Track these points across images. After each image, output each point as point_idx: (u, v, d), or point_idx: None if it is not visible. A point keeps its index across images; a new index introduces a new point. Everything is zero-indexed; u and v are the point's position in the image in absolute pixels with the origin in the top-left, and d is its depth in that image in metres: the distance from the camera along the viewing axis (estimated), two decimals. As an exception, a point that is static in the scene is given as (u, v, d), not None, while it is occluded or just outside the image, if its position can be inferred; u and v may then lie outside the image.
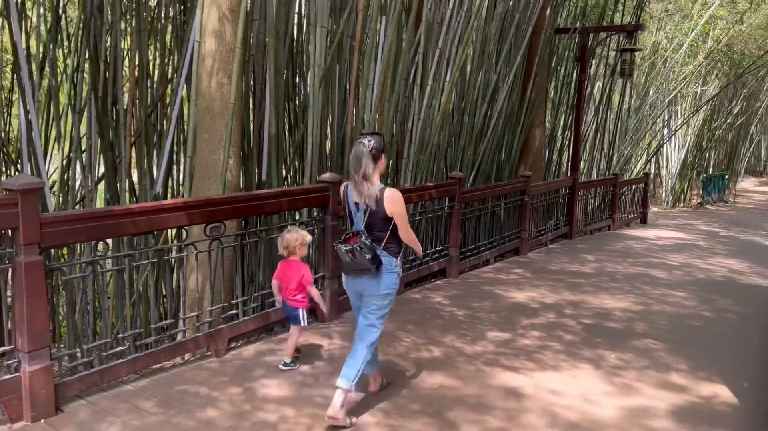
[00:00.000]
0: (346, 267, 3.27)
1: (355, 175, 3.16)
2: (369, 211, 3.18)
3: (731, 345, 4.89)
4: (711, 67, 17.90)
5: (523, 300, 5.98)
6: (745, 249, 10.13)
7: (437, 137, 6.81)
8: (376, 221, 3.20)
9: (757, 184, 25.19)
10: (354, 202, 3.25)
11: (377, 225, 3.21)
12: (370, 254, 3.14)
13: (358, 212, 3.25)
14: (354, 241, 3.17)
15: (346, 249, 3.17)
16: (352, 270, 3.25)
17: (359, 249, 3.13)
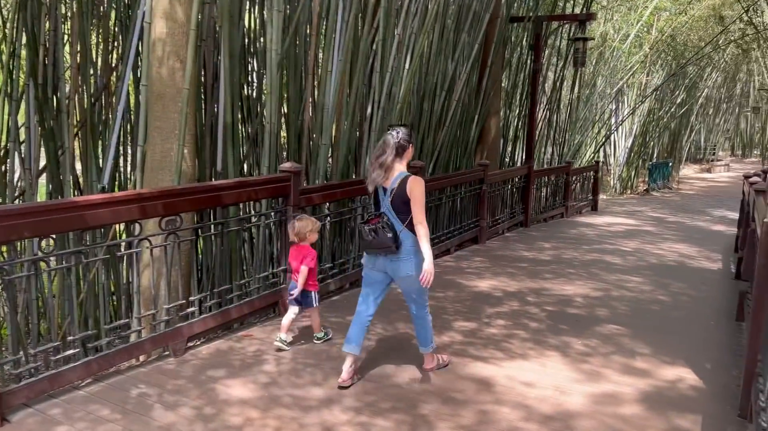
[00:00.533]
0: (368, 245, 3.47)
1: (374, 161, 3.46)
2: (393, 194, 3.42)
3: (690, 329, 4.99)
4: (656, 57, 18.43)
5: (486, 289, 5.97)
6: (692, 234, 10.47)
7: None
8: (399, 203, 3.42)
9: (697, 171, 26.21)
10: (382, 187, 3.48)
11: (399, 207, 3.43)
12: (391, 233, 3.37)
13: (385, 195, 3.49)
14: (376, 221, 3.42)
15: (369, 228, 3.42)
16: (375, 248, 3.44)
17: (382, 228, 3.37)
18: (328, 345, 4.25)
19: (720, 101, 27.48)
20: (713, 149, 29.12)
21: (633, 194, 18.69)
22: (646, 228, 11.00)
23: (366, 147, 6.54)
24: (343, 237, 6.21)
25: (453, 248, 7.66)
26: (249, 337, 4.39)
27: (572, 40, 10.09)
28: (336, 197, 5.45)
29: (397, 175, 3.44)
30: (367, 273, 3.63)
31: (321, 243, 5.87)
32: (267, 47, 5.38)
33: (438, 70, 7.46)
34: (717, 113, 28.11)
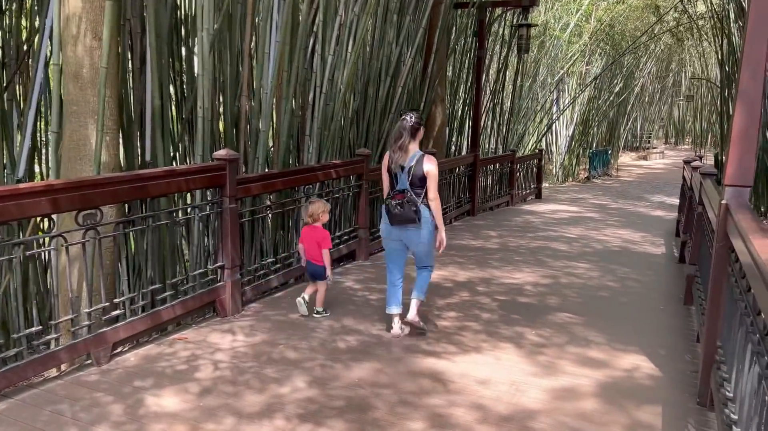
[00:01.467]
0: (395, 219, 3.96)
1: (394, 144, 3.96)
2: (412, 172, 3.91)
3: (641, 314, 4.95)
4: (595, 46, 18.76)
5: (435, 280, 5.77)
6: (634, 220, 10.64)
7: (341, 112, 6.41)
8: (416, 180, 3.94)
9: (634, 159, 27.02)
10: (400, 166, 3.96)
11: (416, 184, 3.95)
12: (414, 206, 3.91)
13: (402, 173, 3.96)
14: (401, 197, 3.92)
15: (396, 203, 3.92)
16: (400, 221, 3.95)
17: (407, 202, 3.90)
18: (269, 347, 3.95)
19: (654, 90, 28.40)
20: (648, 137, 30.11)
21: (575, 182, 19.02)
22: (589, 214, 11.12)
23: (309, 134, 6.21)
24: (286, 230, 5.89)
25: (401, 238, 7.44)
26: (183, 340, 4.03)
27: (516, 26, 10.02)
28: (277, 187, 5.12)
29: (413, 154, 3.96)
30: (387, 244, 4.21)
31: (262, 236, 5.53)
32: (198, 26, 4.98)
33: (382, 55, 7.19)
34: (652, 102, 29.04)
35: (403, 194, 3.93)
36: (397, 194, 3.95)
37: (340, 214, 6.35)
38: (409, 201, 3.89)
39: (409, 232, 4.02)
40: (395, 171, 4.00)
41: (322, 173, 5.63)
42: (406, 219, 3.92)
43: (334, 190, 6.06)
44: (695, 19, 16.05)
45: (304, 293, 4.54)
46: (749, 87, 2.89)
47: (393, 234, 4.09)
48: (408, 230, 4.00)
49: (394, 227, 4.03)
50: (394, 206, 3.93)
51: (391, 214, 3.97)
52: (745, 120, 2.92)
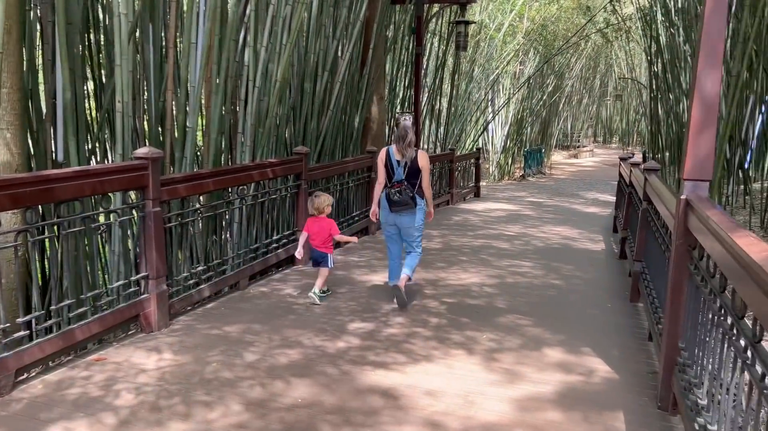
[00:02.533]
0: (394, 204, 4.61)
1: (401, 142, 4.57)
2: (408, 166, 4.57)
3: (589, 312, 4.85)
4: (528, 46, 19.04)
5: (380, 283, 5.52)
6: (570, 217, 10.77)
7: (277, 108, 6.04)
8: (412, 172, 4.60)
9: (566, 157, 27.77)
10: (396, 160, 4.62)
11: (411, 176, 4.60)
12: (411, 194, 4.58)
13: (398, 167, 4.61)
14: (399, 186, 4.57)
15: (396, 190, 4.57)
16: (399, 205, 4.60)
17: (405, 190, 4.55)
18: (200, 365, 3.56)
19: (583, 90, 29.28)
20: (578, 136, 31.03)
21: (511, 180, 19.27)
22: (527, 212, 11.17)
23: (242, 131, 5.81)
24: (219, 235, 5.48)
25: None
26: (101, 362, 3.59)
27: (454, 23, 9.91)
28: (207, 188, 4.71)
29: (412, 151, 4.63)
30: (386, 230, 4.90)
31: (191, 242, 5.10)
32: (114, 12, 4.50)
33: (319, 49, 6.86)
34: (581, 102, 29.94)
35: (401, 184, 4.58)
36: (396, 184, 4.60)
37: (277, 216, 5.99)
38: (406, 189, 4.57)
39: (404, 217, 4.69)
40: (392, 165, 4.63)
41: (257, 173, 5.26)
42: (404, 204, 4.59)
43: (270, 191, 5.69)
44: (623, 20, 16.54)
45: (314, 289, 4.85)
46: (706, 80, 2.77)
47: (389, 219, 4.79)
48: (403, 215, 4.68)
49: (392, 213, 4.69)
50: (394, 193, 4.59)
51: (391, 201, 4.61)
52: (702, 114, 2.80)
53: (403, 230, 4.78)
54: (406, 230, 4.77)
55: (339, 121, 7.55)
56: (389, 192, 4.62)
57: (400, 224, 4.76)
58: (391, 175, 4.63)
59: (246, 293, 5.09)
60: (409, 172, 4.59)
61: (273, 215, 5.96)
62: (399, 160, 4.60)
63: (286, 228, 6.04)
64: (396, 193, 4.57)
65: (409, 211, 4.63)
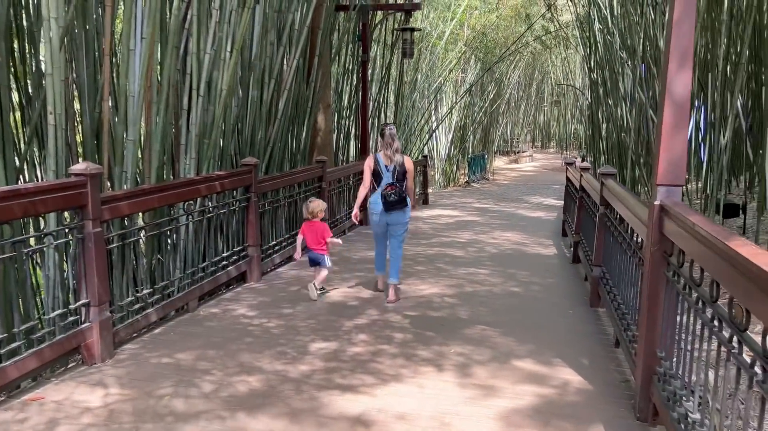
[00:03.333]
0: (390, 205, 5.05)
1: (389, 148, 5.06)
2: (397, 170, 5.08)
3: (553, 320, 4.80)
4: (470, 54, 19.28)
5: (339, 298, 5.31)
6: (518, 222, 10.85)
7: (222, 119, 5.75)
8: (399, 176, 5.10)
9: (507, 163, 28.29)
10: (384, 165, 5.09)
11: (399, 178, 5.10)
12: (403, 194, 5.09)
13: (387, 171, 5.08)
14: (392, 188, 5.04)
15: (391, 192, 5.03)
16: (394, 205, 5.06)
17: (398, 192, 5.05)
18: (152, 399, 3.26)
19: (521, 97, 29.99)
20: (517, 141, 31.73)
21: (456, 187, 19.40)
22: (475, 218, 11.20)
23: (186, 143, 5.50)
24: (165, 254, 5.13)
25: (294, 254, 6.89)
26: (39, 401, 3.23)
27: (400, 30, 9.84)
28: (151, 205, 4.38)
29: (400, 157, 5.13)
30: (376, 229, 5.38)
31: (135, 263, 4.75)
32: (44, 16, 4.14)
33: (264, 56, 6.60)
34: (519, 108, 30.64)
35: (393, 186, 5.05)
36: (388, 186, 5.07)
37: (226, 231, 5.69)
38: (398, 190, 5.05)
39: (395, 215, 5.15)
40: (380, 169, 5.10)
41: (204, 186, 4.96)
42: (398, 203, 5.07)
43: (218, 205, 5.39)
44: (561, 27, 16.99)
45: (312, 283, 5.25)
46: (677, 81, 2.74)
47: (382, 220, 5.20)
48: (394, 214, 5.13)
49: (384, 213, 5.13)
50: (389, 194, 5.05)
51: (387, 201, 5.06)
52: (673, 116, 2.76)
53: (394, 228, 5.23)
54: (396, 228, 5.23)
55: (287, 130, 7.30)
56: (385, 193, 5.06)
57: (392, 222, 5.19)
58: (381, 179, 5.10)
59: (196, 315, 4.78)
60: (398, 176, 5.08)
61: (222, 231, 5.66)
62: (387, 164, 5.09)
63: (236, 243, 5.74)
64: (392, 194, 5.05)
65: (401, 209, 5.13)
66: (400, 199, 5.08)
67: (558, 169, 26.27)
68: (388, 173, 5.10)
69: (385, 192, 5.06)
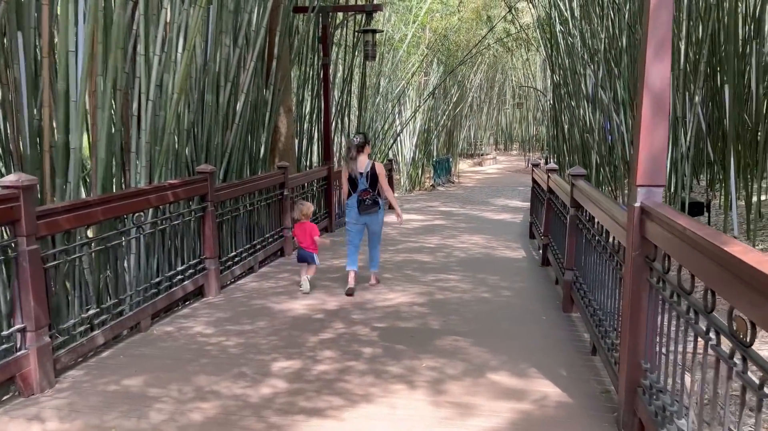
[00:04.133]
0: (365, 209, 5.56)
1: (349, 159, 5.60)
2: (369, 176, 5.53)
3: (526, 327, 4.64)
4: (432, 57, 19.19)
5: (303, 311, 5.05)
6: (484, 225, 10.74)
7: (175, 124, 5.43)
8: (372, 181, 5.56)
9: (471, 165, 28.32)
10: (359, 172, 5.54)
11: (372, 184, 5.57)
12: (377, 199, 5.59)
13: (362, 178, 5.54)
14: (366, 194, 5.54)
15: (365, 197, 5.54)
16: (369, 209, 5.57)
17: (372, 197, 5.55)
18: (96, 434, 2.95)
19: (483, 99, 30.11)
20: (481, 144, 31.84)
21: (422, 190, 19.27)
22: (442, 222, 11.05)
23: (136, 150, 5.16)
24: (115, 271, 4.78)
25: (257, 265, 6.58)
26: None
27: (361, 32, 9.62)
28: (96, 218, 4.04)
29: (367, 163, 5.59)
30: (351, 228, 5.78)
31: (80, 282, 4.39)
32: (-30, 14, 3.78)
33: (219, 57, 6.30)
34: (482, 111, 30.76)
35: (367, 192, 5.55)
36: (362, 192, 5.56)
37: (181, 244, 5.36)
38: (372, 195, 5.56)
39: (371, 216, 5.67)
40: (355, 176, 5.57)
41: (155, 197, 4.63)
42: (371, 207, 5.59)
43: (172, 216, 5.06)
44: (522, 29, 17.04)
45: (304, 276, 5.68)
46: (655, 76, 2.58)
47: (360, 220, 5.71)
48: (370, 215, 5.65)
49: (362, 215, 5.63)
50: (364, 200, 5.56)
51: (363, 205, 5.57)
52: (652, 111, 2.61)
53: (373, 227, 5.78)
54: (373, 227, 5.78)
55: (245, 135, 7.00)
56: (360, 199, 5.58)
57: (370, 222, 5.75)
58: (357, 185, 5.58)
59: (148, 335, 4.45)
60: (370, 182, 5.58)
61: (176, 243, 5.33)
62: (361, 172, 5.56)
63: (192, 256, 5.42)
64: (366, 200, 5.56)
65: (374, 212, 5.65)
66: (373, 203, 5.60)
67: (521, 170, 26.45)
68: (362, 179, 5.57)
69: (361, 197, 5.58)
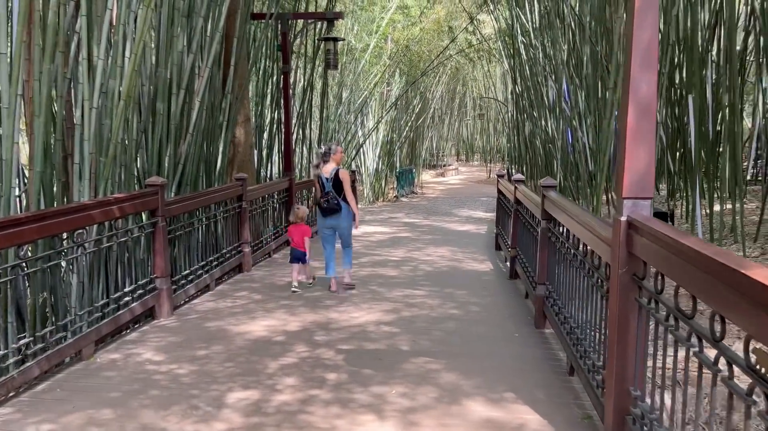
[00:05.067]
0: (325, 211, 5.89)
1: (322, 162, 5.94)
2: (333, 180, 5.86)
3: (498, 346, 4.42)
4: (394, 67, 19.06)
5: (263, 333, 4.72)
6: (449, 237, 10.56)
7: (123, 133, 5.05)
8: (336, 185, 5.88)
9: (434, 176, 28.31)
10: (325, 177, 5.89)
11: (336, 188, 5.88)
12: (336, 201, 5.87)
13: (327, 182, 5.87)
14: (327, 196, 5.86)
15: (325, 199, 5.87)
16: (328, 210, 5.88)
17: (332, 199, 5.86)
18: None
19: (444, 110, 30.20)
20: (443, 155, 31.91)
21: (385, 201, 19.05)
22: (407, 234, 10.83)
23: (80, 161, 4.76)
24: (54, 294, 4.37)
25: (213, 283, 6.21)
26: None
27: (322, 39, 9.37)
28: (29, 237, 3.64)
29: (332, 169, 5.87)
30: (323, 232, 6.07)
31: (12, 308, 3.97)
32: None
33: (172, 62, 5.94)
34: (444, 122, 30.85)
35: (328, 194, 5.85)
36: (323, 195, 5.88)
37: (129, 263, 4.97)
38: (332, 198, 5.83)
39: (335, 220, 5.94)
40: (323, 181, 5.89)
41: (99, 212, 4.25)
42: (331, 209, 5.86)
43: (118, 233, 4.67)
44: (484, 40, 17.06)
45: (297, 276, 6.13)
46: (641, 80, 2.40)
47: (327, 223, 5.99)
48: (334, 218, 5.92)
49: (325, 218, 5.93)
50: (324, 201, 5.87)
51: (322, 208, 5.88)
52: (638, 119, 2.42)
53: (340, 230, 6.05)
54: (341, 232, 6.06)
55: (201, 145, 6.62)
56: (320, 201, 5.92)
57: (335, 226, 6.00)
58: (323, 189, 5.89)
59: (91, 364, 4.05)
60: (334, 186, 5.86)
61: (124, 262, 4.93)
62: (328, 177, 5.88)
63: (141, 275, 5.03)
64: (325, 202, 5.88)
65: (337, 214, 5.90)
66: (332, 206, 5.83)
67: (483, 181, 26.55)
68: (327, 183, 5.90)
69: (320, 200, 5.92)
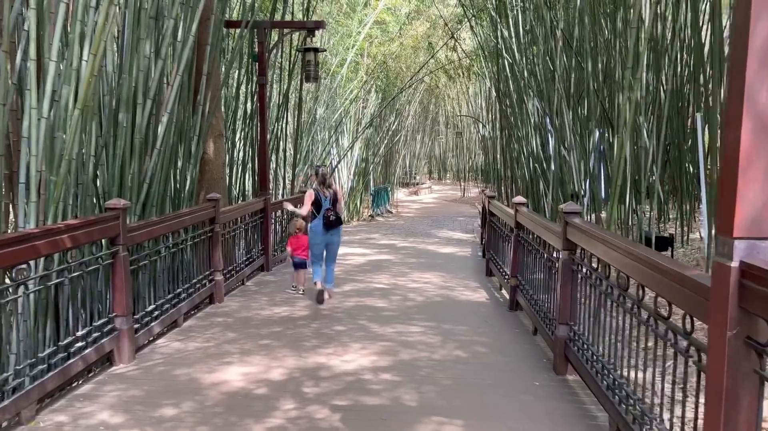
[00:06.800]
0: (331, 224, 6.36)
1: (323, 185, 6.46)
2: (331, 199, 6.44)
3: (518, 399, 3.81)
4: (371, 84, 18.57)
5: (241, 384, 4.01)
6: (434, 261, 9.98)
7: (78, 148, 4.33)
8: (334, 202, 6.48)
9: (408, 194, 27.81)
10: (323, 196, 6.41)
11: (335, 204, 6.48)
12: (339, 216, 6.52)
13: (325, 200, 6.40)
14: (330, 212, 6.37)
15: (330, 214, 6.35)
16: (334, 224, 6.39)
17: (335, 214, 6.41)
18: None
19: (416, 129, 29.87)
20: (416, 173, 31.51)
21: (361, 221, 18.43)
22: (388, 257, 10.21)
23: (26, 181, 4.02)
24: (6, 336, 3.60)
25: (181, 318, 5.46)
26: None
27: (302, 50, 8.75)
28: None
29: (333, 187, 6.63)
30: (315, 250, 6.53)
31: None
32: None
33: (137, 68, 5.24)
34: (416, 140, 30.50)
35: (330, 210, 6.32)
36: (327, 210, 6.31)
37: (83, 301, 4.21)
38: (336, 213, 6.37)
39: (335, 235, 6.44)
40: (321, 199, 6.33)
41: (45, 242, 3.50)
42: (335, 224, 6.34)
43: (71, 266, 3.92)
44: (466, 56, 16.71)
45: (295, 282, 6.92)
46: (761, 85, 1.85)
47: (325, 238, 6.38)
48: (335, 232, 6.41)
49: (327, 233, 6.33)
50: (329, 216, 6.30)
51: (328, 222, 6.29)
52: (755, 137, 1.87)
53: (333, 246, 6.51)
54: (333, 246, 6.51)
55: (168, 163, 5.90)
56: (326, 216, 6.29)
57: (331, 241, 6.45)
58: (321, 206, 6.33)
59: (32, 430, 3.29)
60: (333, 202, 6.38)
61: (77, 300, 4.17)
62: (326, 195, 6.36)
63: (98, 316, 4.28)
64: (331, 215, 6.29)
65: (339, 227, 6.44)
66: (337, 218, 6.36)
67: (457, 200, 26.16)
68: (326, 201, 6.35)
69: (326, 215, 6.28)
